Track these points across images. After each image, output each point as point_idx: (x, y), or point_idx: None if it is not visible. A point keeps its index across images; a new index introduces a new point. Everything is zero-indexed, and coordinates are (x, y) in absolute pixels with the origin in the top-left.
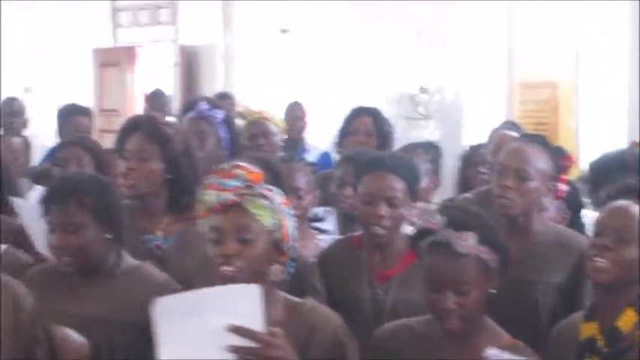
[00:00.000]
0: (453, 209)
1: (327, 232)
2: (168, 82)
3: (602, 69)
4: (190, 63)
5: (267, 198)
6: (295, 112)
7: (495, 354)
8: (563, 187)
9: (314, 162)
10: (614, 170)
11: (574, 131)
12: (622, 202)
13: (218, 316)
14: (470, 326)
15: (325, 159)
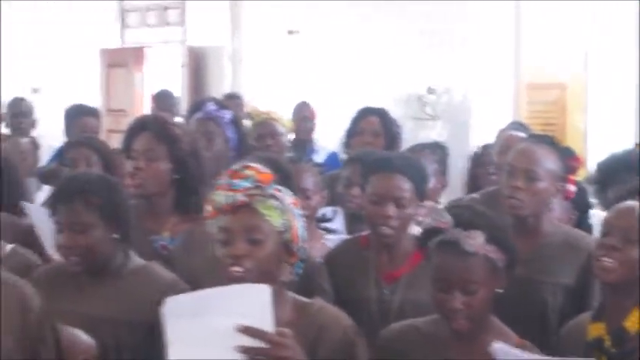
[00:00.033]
0: (461, 209)
1: (335, 232)
2: (175, 83)
3: (610, 70)
4: (198, 64)
5: (277, 198)
6: (303, 113)
7: (502, 348)
8: (571, 188)
9: (321, 163)
10: (621, 171)
11: (582, 132)
12: (629, 203)
13: (227, 316)
14: (477, 326)
15: (333, 159)
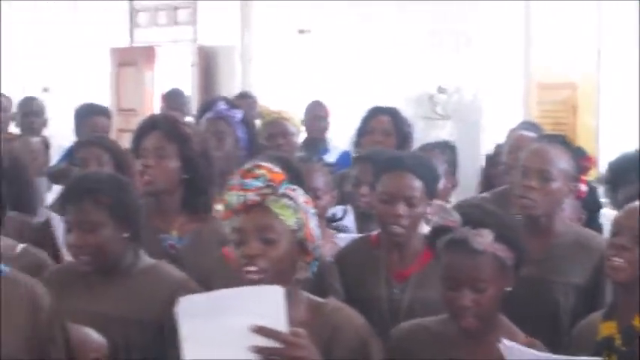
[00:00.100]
0: (470, 207)
1: (347, 230)
2: (186, 82)
3: (621, 69)
4: (208, 63)
5: (289, 197)
6: (316, 112)
7: (511, 346)
8: (583, 188)
9: (333, 162)
10: (632, 171)
11: (593, 132)
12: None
13: (241, 317)
14: (485, 325)
15: (345, 158)
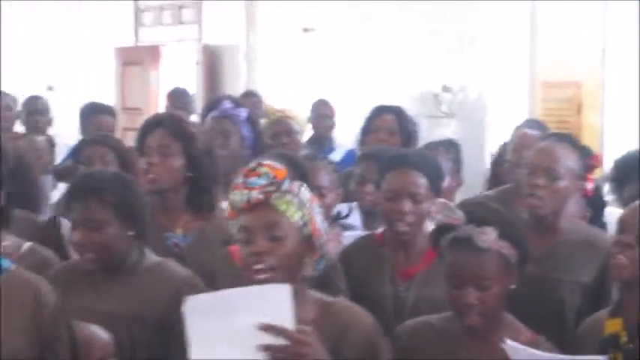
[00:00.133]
0: (473, 205)
1: (353, 228)
2: (191, 81)
3: (626, 67)
4: (213, 62)
5: (293, 194)
6: (321, 110)
7: (513, 345)
8: (589, 186)
9: (338, 160)
10: (638, 168)
11: (598, 130)
12: None
13: (249, 315)
14: (490, 322)
15: (350, 157)
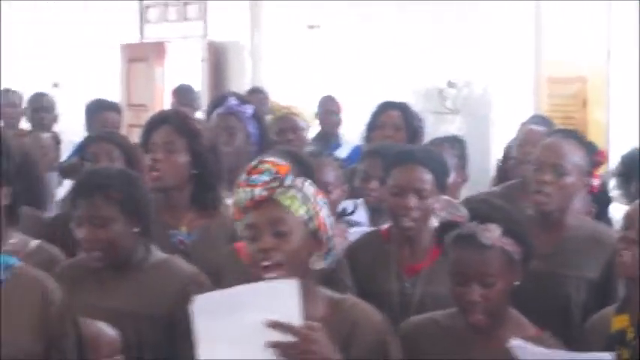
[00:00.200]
0: (477, 202)
1: (359, 224)
2: (196, 78)
3: (631, 63)
4: (218, 59)
5: (297, 189)
6: (328, 106)
7: (520, 345)
8: (596, 183)
9: (343, 157)
10: None
11: (603, 126)
12: None
13: (256, 313)
14: (495, 319)
15: (357, 153)
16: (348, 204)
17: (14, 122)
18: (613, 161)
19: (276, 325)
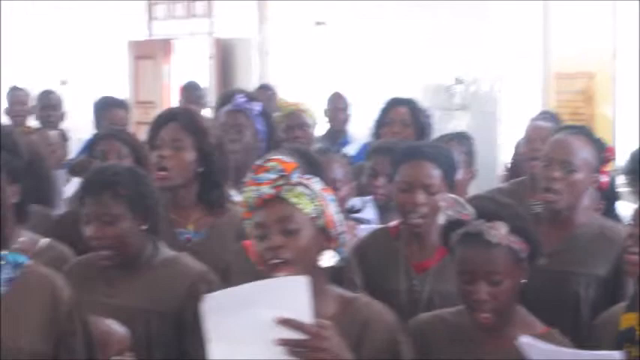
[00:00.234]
0: (484, 200)
1: (368, 222)
2: (203, 75)
3: (638, 59)
4: (225, 56)
5: (304, 186)
6: (336, 103)
7: (528, 342)
8: (604, 179)
9: (352, 155)
10: None
11: (610, 122)
12: None
13: (266, 310)
14: (502, 317)
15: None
16: (357, 201)
17: (21, 120)
18: (619, 156)
19: (286, 323)
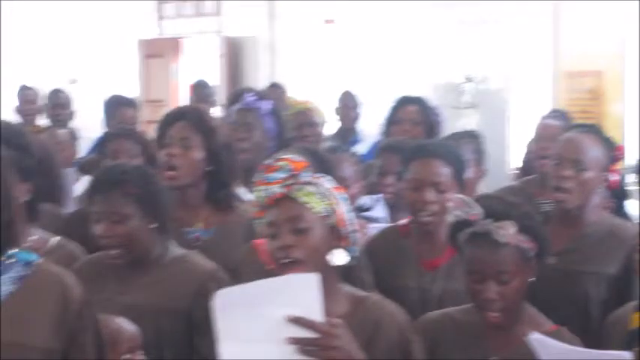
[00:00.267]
0: (491, 200)
1: (378, 220)
2: (212, 73)
3: None
4: (235, 54)
5: (315, 185)
6: (347, 102)
7: (539, 339)
8: (615, 178)
9: (363, 153)
10: None
11: (619, 120)
12: None
13: (277, 307)
14: (511, 315)
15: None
16: (367, 200)
17: (31, 119)
18: (628, 153)
19: (297, 321)
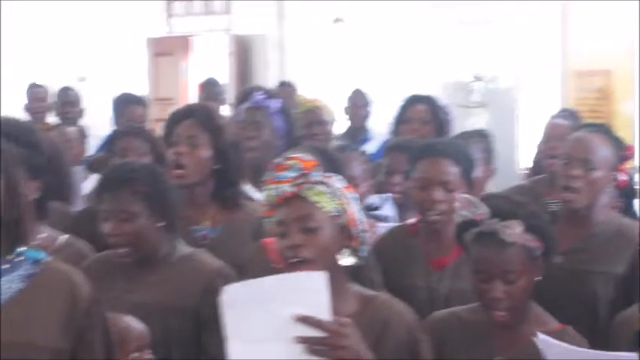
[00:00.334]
0: (498, 199)
1: (387, 219)
2: (222, 72)
3: None
4: (244, 52)
5: (325, 184)
6: (357, 100)
7: (546, 340)
8: (623, 177)
9: (372, 151)
10: None
11: (629, 119)
12: None
13: (284, 305)
14: (517, 314)
15: None
16: (376, 199)
17: (40, 116)
18: (638, 154)
19: (305, 320)
